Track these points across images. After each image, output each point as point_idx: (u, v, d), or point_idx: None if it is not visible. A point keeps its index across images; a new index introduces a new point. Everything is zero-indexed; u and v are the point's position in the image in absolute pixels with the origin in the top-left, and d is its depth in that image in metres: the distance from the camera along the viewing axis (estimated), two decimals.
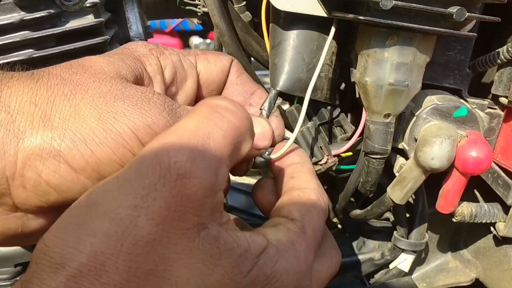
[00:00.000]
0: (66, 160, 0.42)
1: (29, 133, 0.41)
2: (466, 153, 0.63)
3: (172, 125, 0.43)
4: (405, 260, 0.81)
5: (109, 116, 0.43)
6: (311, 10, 0.60)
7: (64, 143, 0.42)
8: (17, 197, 0.43)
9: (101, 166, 0.43)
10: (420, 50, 0.59)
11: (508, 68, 0.71)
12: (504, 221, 0.75)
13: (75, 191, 0.43)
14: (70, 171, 0.42)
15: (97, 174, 0.43)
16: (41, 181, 0.42)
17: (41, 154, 0.41)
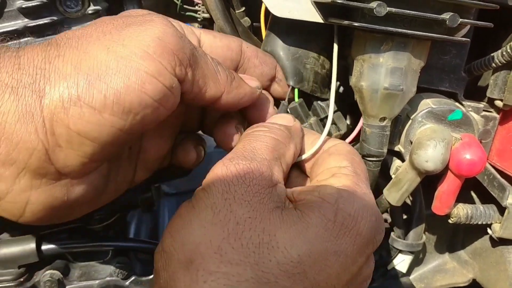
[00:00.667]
0: (86, 102, 0.43)
1: (47, 90, 0.42)
2: (460, 156, 0.64)
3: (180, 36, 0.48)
4: (402, 261, 0.82)
5: (117, 45, 0.44)
6: (307, 16, 0.61)
7: (80, 86, 0.42)
8: (57, 160, 0.44)
9: (120, 96, 0.43)
10: (414, 55, 0.61)
11: (503, 71, 0.73)
12: (499, 222, 0.76)
13: (106, 132, 0.44)
14: (93, 112, 0.43)
15: (120, 107, 0.43)
16: (71, 133, 0.43)
17: (63, 105, 0.42)
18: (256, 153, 0.48)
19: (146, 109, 0.45)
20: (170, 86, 0.46)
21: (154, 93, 0.45)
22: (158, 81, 0.45)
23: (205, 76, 0.51)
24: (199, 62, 0.50)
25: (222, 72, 0.54)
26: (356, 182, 0.50)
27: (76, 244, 0.71)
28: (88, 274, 0.75)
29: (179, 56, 0.47)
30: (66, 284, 0.73)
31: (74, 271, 0.75)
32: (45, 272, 0.71)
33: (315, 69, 0.67)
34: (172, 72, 0.46)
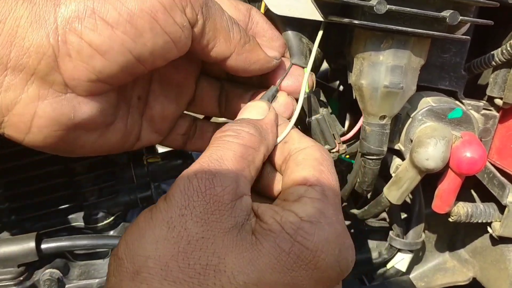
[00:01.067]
0: (101, 16, 0.44)
1: (63, 0, 0.43)
2: (460, 154, 0.64)
3: None
4: (402, 259, 0.82)
5: None
6: (307, 14, 0.61)
7: (96, 0, 0.44)
8: (65, 69, 0.45)
9: (133, 18, 0.45)
10: (414, 53, 0.61)
11: (502, 70, 0.73)
12: (499, 221, 0.76)
13: (116, 50, 0.45)
14: (107, 27, 0.44)
15: (132, 27, 0.45)
16: (83, 44, 0.44)
17: (78, 15, 0.43)
18: (222, 164, 0.46)
19: (156, 37, 0.47)
20: (181, 24, 0.47)
21: (165, 25, 0.46)
22: (169, 15, 0.46)
23: (216, 29, 0.51)
24: (212, 13, 0.51)
25: (236, 31, 0.53)
26: (322, 209, 0.46)
27: (76, 243, 0.71)
28: (87, 273, 0.75)
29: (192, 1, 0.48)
30: (65, 283, 0.73)
31: (74, 270, 0.75)
32: (45, 271, 0.71)
33: (310, 46, 0.65)
34: (183, 11, 0.47)
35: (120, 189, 0.78)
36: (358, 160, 0.70)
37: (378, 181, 0.76)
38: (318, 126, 0.67)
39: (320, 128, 0.67)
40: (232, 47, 0.53)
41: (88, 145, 0.53)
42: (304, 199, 0.47)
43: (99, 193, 0.77)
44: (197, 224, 0.42)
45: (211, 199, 0.43)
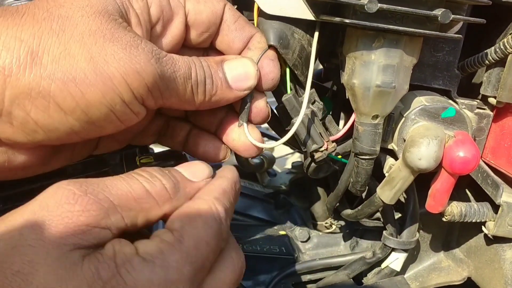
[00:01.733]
0: (56, 101, 0.42)
1: (16, 70, 0.41)
2: (453, 153, 0.63)
3: (158, 73, 0.47)
4: (396, 259, 0.82)
5: (99, 57, 0.44)
6: (299, 14, 0.61)
7: (55, 83, 0.42)
8: (3, 132, 0.43)
9: (91, 108, 0.44)
10: (406, 52, 0.60)
11: (496, 68, 0.72)
12: (494, 220, 0.76)
13: (63, 131, 0.44)
14: (59, 112, 0.43)
15: (86, 116, 0.44)
16: (29, 120, 0.42)
17: (30, 93, 0.41)
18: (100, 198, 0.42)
19: (109, 124, 0.47)
20: (137, 112, 0.48)
21: (121, 115, 0.46)
22: (127, 107, 0.46)
23: (178, 101, 0.52)
24: (175, 91, 0.50)
25: (201, 92, 0.53)
26: (165, 250, 0.42)
27: None
28: None
29: (153, 92, 0.48)
30: None
31: None
32: None
33: (302, 42, 0.64)
34: (141, 103, 0.48)
35: None
36: (351, 160, 0.70)
37: (371, 181, 0.76)
38: (302, 125, 0.67)
39: (306, 127, 0.67)
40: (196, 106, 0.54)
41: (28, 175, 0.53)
42: (154, 238, 0.44)
43: None
44: None
45: None
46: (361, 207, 0.77)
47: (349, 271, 0.87)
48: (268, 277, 0.92)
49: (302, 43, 0.64)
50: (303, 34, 0.63)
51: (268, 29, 0.62)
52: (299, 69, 0.65)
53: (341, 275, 0.88)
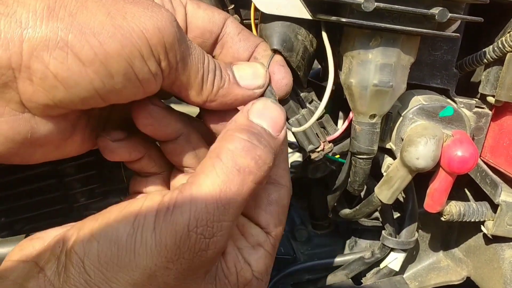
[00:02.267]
0: (74, 51, 0.42)
1: (33, 23, 0.41)
2: (451, 153, 0.63)
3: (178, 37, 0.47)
4: (395, 259, 0.82)
5: (118, 14, 0.43)
6: (296, 13, 0.60)
7: (72, 33, 0.41)
8: (24, 92, 0.43)
9: (109, 60, 0.43)
10: (404, 51, 0.60)
11: (494, 67, 0.72)
12: (492, 220, 0.75)
13: (82, 86, 0.43)
14: (78, 63, 0.42)
15: (105, 69, 0.43)
16: (48, 74, 0.42)
17: (48, 44, 0.41)
18: (224, 217, 0.46)
19: (127, 82, 0.45)
20: (155, 72, 0.46)
21: (139, 72, 0.45)
22: (145, 63, 0.45)
23: (188, 83, 0.51)
24: (188, 69, 0.50)
25: (210, 80, 0.52)
26: (269, 266, 0.53)
27: None
28: None
29: (169, 55, 0.47)
30: None
31: None
32: None
33: (305, 44, 0.64)
34: (158, 62, 0.46)
35: (110, 190, 0.77)
36: (348, 160, 0.69)
37: (370, 181, 0.75)
38: (299, 126, 0.66)
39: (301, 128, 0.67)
40: (203, 97, 0.52)
41: (44, 157, 0.52)
42: (261, 251, 0.52)
43: (90, 194, 0.76)
44: (177, 279, 0.44)
45: (199, 260, 0.45)
46: (359, 206, 0.77)
47: (348, 271, 0.87)
48: None
49: (305, 44, 0.63)
50: (306, 35, 0.63)
51: (271, 34, 0.62)
52: (302, 70, 0.65)
53: (340, 275, 0.88)
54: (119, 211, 0.46)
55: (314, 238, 0.99)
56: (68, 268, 0.43)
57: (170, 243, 0.43)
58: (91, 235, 0.44)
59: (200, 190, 0.45)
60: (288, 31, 0.62)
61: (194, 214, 0.44)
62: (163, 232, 0.43)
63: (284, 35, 0.62)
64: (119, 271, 0.42)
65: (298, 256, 0.96)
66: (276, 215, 0.53)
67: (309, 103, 0.68)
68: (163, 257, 0.43)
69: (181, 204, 0.44)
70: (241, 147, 0.47)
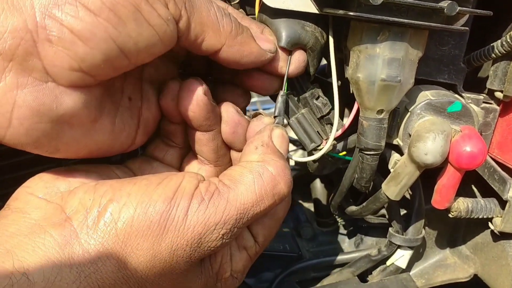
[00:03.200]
0: (82, 2, 0.43)
1: None
2: (460, 148, 0.62)
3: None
4: (402, 256, 0.81)
5: None
6: (302, 7, 0.60)
7: None
8: (45, 55, 0.43)
9: (116, 6, 0.44)
10: (412, 45, 0.59)
11: (503, 62, 0.71)
12: (501, 216, 0.75)
13: (99, 37, 0.44)
14: (89, 14, 0.43)
15: (115, 16, 0.44)
16: (64, 30, 0.43)
17: (57, 1, 0.42)
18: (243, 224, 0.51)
19: (141, 28, 0.46)
20: (165, 17, 0.47)
21: (149, 16, 0.46)
22: (152, 8, 0.46)
23: (203, 23, 0.51)
24: (197, 7, 0.51)
25: (227, 23, 0.53)
26: (247, 266, 0.59)
27: None
28: None
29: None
30: None
31: None
32: None
33: (316, 34, 0.63)
34: (165, 6, 0.47)
35: None
36: (355, 156, 0.69)
37: (377, 177, 0.75)
38: (299, 125, 0.66)
39: (302, 126, 0.66)
40: (222, 39, 0.53)
41: (73, 143, 0.50)
42: (244, 254, 0.57)
43: None
44: (187, 263, 0.49)
45: (207, 253, 0.50)
46: (366, 203, 0.76)
47: (354, 269, 0.86)
48: (271, 275, 0.92)
49: (316, 35, 0.63)
50: (315, 27, 0.62)
51: (277, 29, 0.61)
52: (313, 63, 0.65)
53: (346, 272, 0.87)
54: (158, 183, 0.49)
55: (320, 235, 0.99)
56: (98, 224, 0.45)
57: (196, 232, 0.47)
58: (129, 200, 0.47)
59: (236, 198, 0.50)
60: (294, 24, 0.61)
61: (225, 219, 0.48)
62: (193, 220, 0.47)
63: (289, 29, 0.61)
64: (146, 240, 0.46)
65: (304, 254, 0.95)
66: (268, 228, 0.57)
67: (315, 99, 0.68)
68: (186, 240, 0.47)
69: (217, 203, 0.49)
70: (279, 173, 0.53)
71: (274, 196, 0.52)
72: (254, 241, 0.57)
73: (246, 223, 0.51)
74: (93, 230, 0.45)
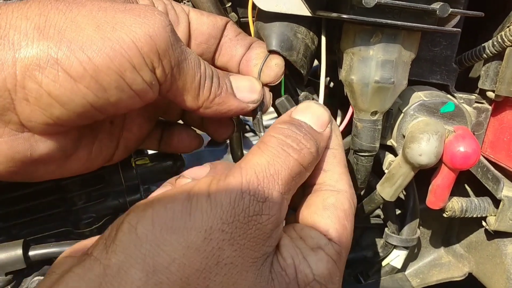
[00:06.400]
0: (64, 68, 0.42)
1: (24, 44, 0.42)
2: (454, 148, 0.63)
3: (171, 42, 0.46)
4: (397, 256, 0.81)
5: (107, 26, 0.44)
6: (295, 9, 0.60)
7: (61, 51, 0.42)
8: (22, 112, 0.43)
9: (99, 74, 0.43)
10: (405, 46, 0.59)
11: (494, 62, 0.72)
12: (494, 215, 0.75)
13: (77, 102, 0.44)
14: (69, 80, 0.43)
15: (96, 83, 0.43)
16: (42, 93, 0.43)
17: (39, 63, 0.42)
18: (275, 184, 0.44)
19: (121, 93, 0.46)
20: (149, 82, 0.47)
21: (132, 83, 0.45)
22: (138, 74, 0.45)
23: (185, 88, 0.51)
24: (184, 73, 0.50)
25: (207, 87, 0.53)
26: (333, 273, 0.47)
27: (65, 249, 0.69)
28: None
29: (164, 61, 0.47)
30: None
31: None
32: (33, 278, 0.69)
33: (306, 41, 0.63)
34: (152, 71, 0.46)
35: (108, 192, 0.76)
36: (350, 157, 0.69)
37: (372, 178, 0.75)
38: None
39: None
40: (200, 103, 0.53)
41: (47, 175, 0.52)
42: (321, 253, 0.47)
43: (87, 197, 0.75)
44: (232, 247, 0.41)
45: (254, 226, 0.42)
46: (361, 204, 0.77)
47: (350, 270, 0.87)
48: None
49: (306, 42, 0.63)
50: (306, 33, 0.63)
51: (269, 34, 0.62)
52: (305, 68, 0.65)
53: None
54: (172, 190, 0.45)
55: None
56: (118, 238, 0.40)
57: (225, 203, 0.41)
58: (146, 205, 0.42)
59: (249, 163, 0.45)
60: (286, 30, 0.62)
61: (246, 178, 0.43)
62: (217, 195, 0.42)
63: (282, 35, 0.61)
64: (173, 233, 0.40)
65: None
66: (336, 219, 0.49)
67: None
68: (218, 218, 0.41)
69: (232, 173, 0.44)
70: (284, 133, 0.48)
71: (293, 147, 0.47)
72: (328, 240, 0.48)
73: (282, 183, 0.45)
74: (114, 245, 0.40)
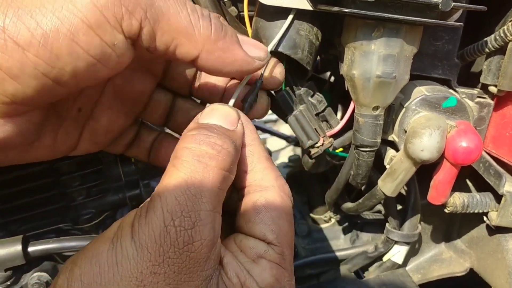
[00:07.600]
0: (11, 36, 0.39)
1: None
2: (456, 144, 0.62)
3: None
4: (398, 252, 0.81)
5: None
6: (296, 3, 0.59)
7: (8, 17, 0.39)
8: None
9: (49, 40, 0.39)
10: (407, 41, 0.59)
11: (496, 57, 0.71)
12: (496, 211, 0.75)
13: (29, 74, 0.40)
14: (17, 49, 0.39)
15: (46, 50, 0.40)
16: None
17: None
18: (200, 202, 0.41)
19: (77, 61, 0.41)
20: (111, 43, 0.42)
21: (89, 47, 0.41)
22: (95, 34, 0.41)
23: (172, 30, 0.44)
24: (164, 12, 0.44)
25: (204, 26, 0.46)
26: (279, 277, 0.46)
27: (64, 245, 0.69)
28: None
29: (129, 7, 0.41)
30: None
31: None
32: (33, 274, 0.69)
33: (310, 38, 0.62)
34: (116, 26, 0.42)
35: (108, 188, 0.76)
36: (351, 153, 0.68)
37: (373, 173, 0.74)
38: (297, 122, 0.66)
39: (299, 124, 0.66)
40: (199, 45, 0.46)
41: (7, 161, 0.49)
42: (263, 263, 0.46)
43: (87, 192, 0.75)
44: (169, 286, 0.40)
45: (188, 257, 0.40)
46: (362, 200, 0.76)
47: (351, 266, 0.86)
48: None
49: (310, 39, 0.62)
50: (309, 29, 0.62)
51: (270, 35, 0.61)
52: (310, 65, 0.64)
53: (342, 269, 0.87)
54: (95, 240, 0.43)
55: (315, 232, 0.98)
56: None
57: (150, 244, 0.39)
58: (73, 263, 0.42)
59: (166, 188, 0.42)
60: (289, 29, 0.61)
61: (166, 208, 0.40)
62: (141, 236, 0.40)
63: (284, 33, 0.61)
64: None
65: (299, 251, 0.95)
66: (270, 221, 0.47)
67: (311, 96, 0.67)
68: (147, 261, 0.39)
69: (152, 206, 0.41)
70: (196, 140, 0.44)
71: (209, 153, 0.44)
72: (267, 245, 0.47)
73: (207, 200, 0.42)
74: None
